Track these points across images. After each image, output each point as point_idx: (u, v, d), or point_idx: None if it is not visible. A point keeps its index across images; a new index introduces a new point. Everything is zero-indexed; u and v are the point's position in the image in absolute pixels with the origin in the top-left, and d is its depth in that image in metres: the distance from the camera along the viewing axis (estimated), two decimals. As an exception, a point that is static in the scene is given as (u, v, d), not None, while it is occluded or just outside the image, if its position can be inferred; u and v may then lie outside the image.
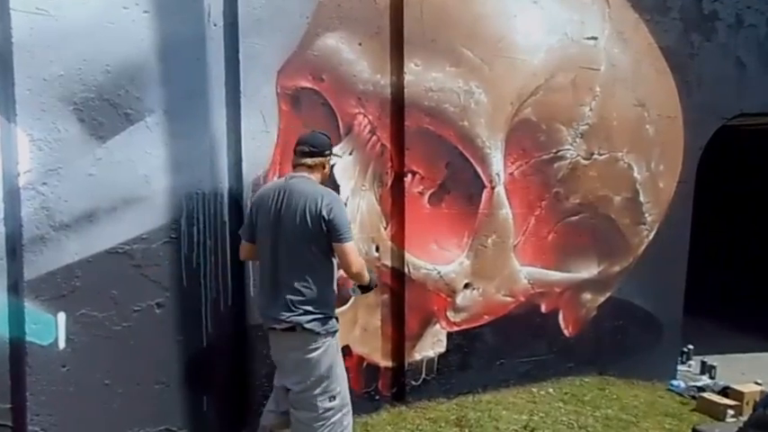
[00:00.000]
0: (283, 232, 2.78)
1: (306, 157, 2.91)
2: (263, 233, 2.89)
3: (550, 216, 4.78)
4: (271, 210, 2.84)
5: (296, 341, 2.82)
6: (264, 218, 2.87)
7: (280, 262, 2.82)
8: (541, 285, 4.77)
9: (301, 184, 2.84)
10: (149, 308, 3.41)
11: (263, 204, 2.92)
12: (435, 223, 4.32)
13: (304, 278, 2.78)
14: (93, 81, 3.22)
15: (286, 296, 2.80)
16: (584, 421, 3.99)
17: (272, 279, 2.87)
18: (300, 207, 2.75)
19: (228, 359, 3.66)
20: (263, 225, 2.89)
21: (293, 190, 2.81)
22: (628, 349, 5.14)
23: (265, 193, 2.98)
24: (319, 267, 2.83)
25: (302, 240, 2.76)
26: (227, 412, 3.68)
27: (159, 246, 3.43)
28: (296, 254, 2.77)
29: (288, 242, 2.78)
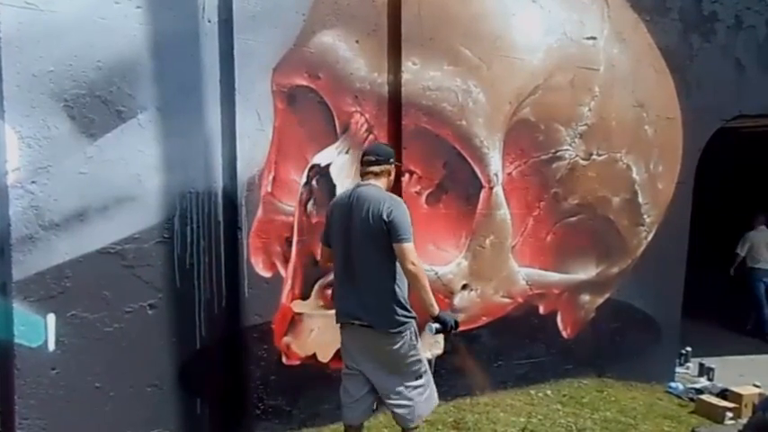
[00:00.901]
0: (354, 235, 2.95)
1: (372, 166, 3.06)
2: (336, 237, 3.05)
3: (549, 217, 4.71)
4: (343, 215, 3.01)
5: (374, 337, 2.97)
6: (337, 223, 3.04)
7: (353, 263, 2.97)
8: (540, 287, 4.70)
9: (369, 191, 3.01)
10: (142, 309, 3.32)
11: (337, 211, 3.08)
12: (433, 223, 4.24)
13: (375, 277, 2.94)
14: (83, 77, 3.13)
15: (361, 295, 2.94)
16: (582, 424, 3.92)
17: (347, 279, 3.01)
18: (366, 210, 2.92)
19: (223, 361, 3.58)
20: (336, 230, 3.05)
21: (361, 196, 2.98)
22: (626, 351, 5.07)
23: (338, 200, 3.16)
24: (386, 267, 2.95)
25: (370, 241, 2.91)
26: (222, 415, 3.59)
27: (152, 246, 3.34)
28: (365, 254, 2.93)
29: (358, 244, 2.94)
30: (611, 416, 4.11)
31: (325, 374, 3.87)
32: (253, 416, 3.64)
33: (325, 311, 3.87)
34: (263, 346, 3.64)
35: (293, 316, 3.76)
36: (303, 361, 3.79)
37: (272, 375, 3.68)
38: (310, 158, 3.81)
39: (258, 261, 3.64)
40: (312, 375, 3.81)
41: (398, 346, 2.95)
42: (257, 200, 3.63)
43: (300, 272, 3.78)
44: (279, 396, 3.71)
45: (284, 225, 3.73)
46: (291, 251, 3.75)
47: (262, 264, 3.65)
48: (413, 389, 3.02)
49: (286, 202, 3.73)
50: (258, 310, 3.63)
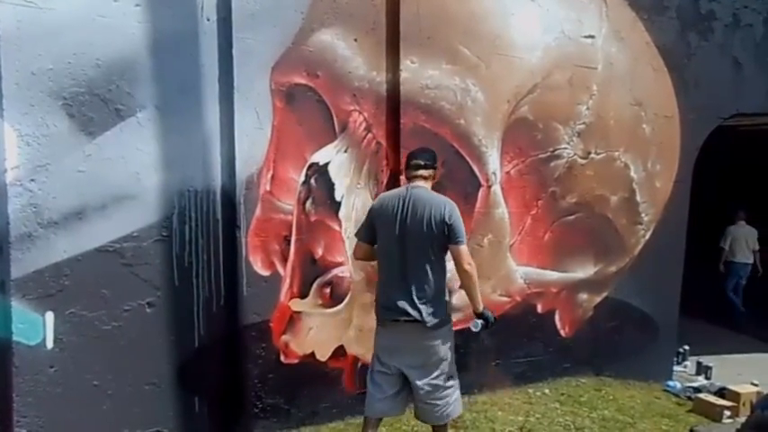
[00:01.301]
0: (410, 235, 3.07)
1: (421, 170, 3.23)
2: (387, 237, 3.13)
3: (547, 215, 4.74)
4: (397, 215, 3.10)
5: (419, 331, 3.08)
6: (389, 223, 3.12)
7: (406, 260, 3.08)
8: (538, 285, 4.73)
9: (425, 193, 3.19)
10: (140, 307, 3.34)
11: (386, 210, 3.16)
12: (431, 222, 4.26)
13: (427, 275, 3.08)
14: (82, 75, 3.15)
15: (412, 290, 3.05)
16: (580, 423, 3.95)
17: (398, 276, 3.09)
18: (427, 213, 3.07)
19: (221, 359, 3.61)
20: (388, 230, 3.13)
21: (417, 198, 3.13)
22: (624, 350, 5.11)
23: (388, 200, 3.22)
24: (438, 266, 3.12)
25: (427, 241, 3.07)
26: (220, 414, 3.62)
27: (150, 244, 3.36)
28: (422, 253, 3.07)
29: (415, 243, 3.07)
30: (610, 414, 4.14)
31: (324, 373, 3.90)
32: (251, 414, 3.67)
33: (324, 310, 3.91)
34: (261, 344, 3.67)
35: (292, 314, 3.79)
36: (301, 359, 3.82)
37: (270, 374, 3.70)
38: (309, 157, 3.84)
39: (257, 260, 3.66)
40: (310, 374, 3.84)
41: (441, 342, 3.12)
42: (256, 198, 3.65)
43: (299, 270, 3.81)
44: (277, 394, 3.74)
45: (283, 224, 3.75)
46: (290, 250, 3.77)
47: (260, 262, 3.68)
48: (445, 389, 3.16)
49: (285, 200, 3.76)
50: (256, 309, 3.66)
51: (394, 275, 3.11)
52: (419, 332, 3.09)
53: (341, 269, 3.97)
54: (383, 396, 3.18)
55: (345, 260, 3.97)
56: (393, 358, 3.16)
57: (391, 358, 3.16)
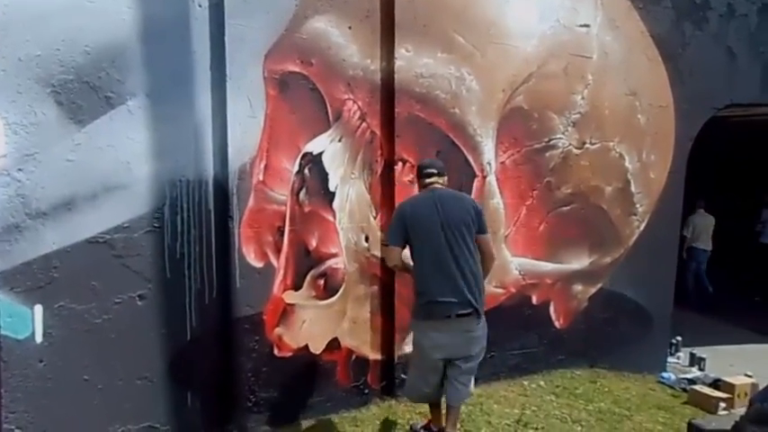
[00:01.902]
0: (452, 230, 3.27)
1: (435, 177, 3.47)
2: (429, 236, 3.28)
3: (542, 206, 4.77)
4: (434, 214, 3.30)
5: (470, 323, 3.29)
6: (429, 222, 3.29)
7: (456, 256, 3.25)
8: (533, 277, 4.77)
9: (449, 191, 3.50)
10: (131, 300, 3.32)
11: (421, 211, 3.35)
12: (426, 213, 4.27)
13: (474, 266, 3.32)
14: (71, 62, 3.11)
15: (461, 283, 3.23)
16: (577, 415, 4.00)
17: (448, 272, 3.24)
18: (459, 207, 3.37)
19: (214, 353, 3.59)
20: (429, 229, 3.28)
21: (446, 196, 3.42)
22: (618, 341, 5.17)
23: (418, 203, 3.43)
24: (477, 256, 3.36)
25: (468, 234, 3.31)
26: (213, 408, 3.61)
27: (141, 235, 3.34)
28: (466, 246, 3.29)
29: (458, 238, 3.27)
30: (606, 407, 4.19)
31: (318, 366, 3.91)
32: (244, 408, 3.66)
33: (318, 302, 3.91)
34: (254, 337, 3.66)
35: (285, 307, 3.78)
36: (295, 352, 3.82)
37: (263, 367, 3.70)
38: (303, 146, 3.82)
39: (249, 251, 3.65)
40: (304, 367, 3.85)
41: (484, 332, 3.39)
42: (249, 188, 3.63)
43: (292, 262, 3.80)
44: (271, 388, 3.74)
45: (276, 214, 3.74)
46: (283, 241, 3.76)
47: (253, 253, 3.67)
48: (470, 373, 3.42)
49: (278, 190, 3.74)
50: (249, 301, 3.65)
51: (444, 272, 3.23)
52: (471, 324, 3.28)
53: (335, 261, 3.96)
54: (430, 388, 3.42)
55: (339, 251, 3.97)
56: (443, 353, 3.31)
57: (441, 353, 3.31)
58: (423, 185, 3.50)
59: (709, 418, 3.56)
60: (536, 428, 3.74)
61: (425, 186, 3.48)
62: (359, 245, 4.06)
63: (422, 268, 3.31)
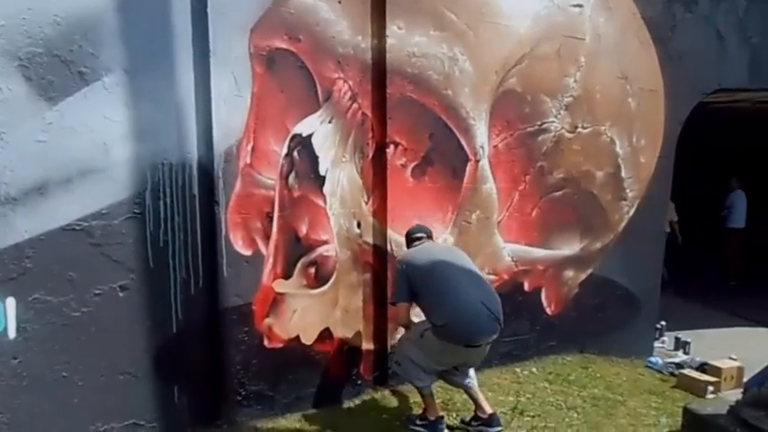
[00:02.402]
0: (453, 262, 3.51)
1: (424, 239, 3.72)
2: (438, 280, 3.39)
3: (534, 191, 4.69)
4: (435, 263, 3.47)
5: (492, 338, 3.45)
6: (432, 271, 3.43)
7: (464, 280, 3.41)
8: (525, 263, 4.70)
9: (437, 244, 3.90)
10: (112, 291, 3.13)
11: (425, 257, 3.51)
12: (418, 198, 4.15)
13: (486, 281, 3.58)
14: (39, 33, 2.89)
15: (487, 312, 3.32)
16: (572, 402, 3.95)
17: (468, 305, 3.30)
18: (456, 250, 3.77)
19: (201, 345, 3.43)
20: (435, 276, 3.41)
21: (437, 246, 3.81)
22: (607, 327, 5.15)
23: (418, 253, 3.59)
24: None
25: (470, 261, 3.61)
26: (201, 403, 3.45)
27: (121, 222, 3.14)
28: (473, 269, 3.55)
29: (462, 264, 3.52)
30: (599, 393, 4.16)
31: (309, 357, 3.77)
32: (234, 402, 3.51)
33: (309, 291, 3.76)
34: (243, 328, 3.50)
35: (275, 296, 3.62)
36: (286, 343, 3.67)
37: (253, 359, 3.55)
38: (291, 128, 3.65)
39: (237, 238, 3.47)
40: (295, 358, 3.70)
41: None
42: (235, 172, 3.45)
43: (282, 249, 3.64)
44: (261, 381, 3.59)
45: (264, 199, 3.57)
46: (272, 227, 3.60)
47: (241, 241, 3.49)
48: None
49: (266, 174, 3.57)
50: (238, 291, 3.48)
51: (469, 305, 3.30)
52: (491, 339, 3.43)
53: (326, 248, 3.81)
54: (425, 383, 3.50)
55: (330, 238, 3.82)
56: (454, 363, 3.50)
57: (452, 364, 3.50)
58: (414, 245, 3.68)
59: (704, 403, 3.56)
60: (532, 416, 3.68)
61: (415, 245, 3.67)
62: (350, 231, 3.92)
63: (441, 304, 3.32)
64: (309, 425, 3.56)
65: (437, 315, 3.31)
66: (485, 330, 3.32)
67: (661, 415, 3.80)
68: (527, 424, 3.58)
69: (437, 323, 3.30)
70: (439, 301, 3.32)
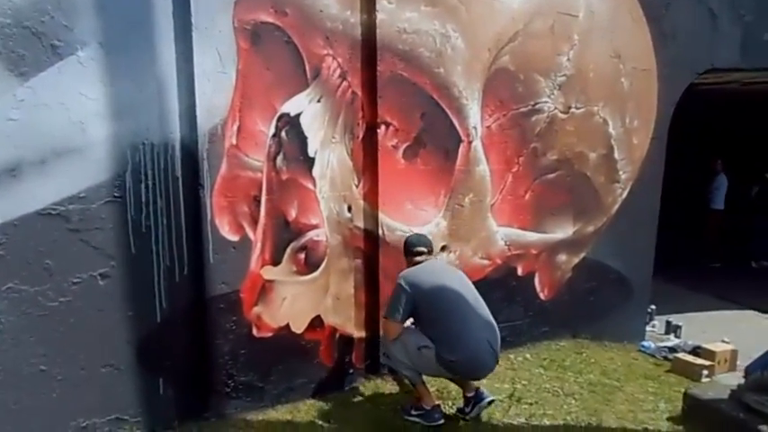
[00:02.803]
0: (461, 292, 3.40)
1: (426, 255, 3.59)
2: (450, 314, 3.34)
3: (528, 173, 4.62)
4: (445, 291, 3.38)
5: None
6: (441, 301, 3.36)
7: (476, 313, 3.37)
8: (518, 247, 4.64)
9: (440, 263, 3.81)
10: (91, 279, 2.99)
11: (428, 278, 3.41)
12: (410, 180, 4.05)
13: (491, 319, 3.44)
14: (7, 3, 2.71)
15: (491, 351, 3.33)
16: (568, 388, 3.92)
17: (477, 346, 3.29)
18: (458, 273, 3.62)
19: (186, 336, 3.30)
20: (445, 309, 3.35)
21: (441, 267, 3.67)
22: (600, 311, 5.13)
23: (422, 271, 3.47)
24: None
25: (477, 294, 3.49)
26: (188, 395, 3.33)
27: (100, 206, 2.99)
28: (482, 306, 3.44)
29: (470, 296, 3.42)
30: (595, 378, 4.14)
31: (300, 346, 3.67)
32: (222, 394, 3.40)
33: (299, 277, 3.65)
34: (231, 317, 3.38)
35: (263, 283, 3.51)
36: (275, 332, 3.56)
37: (241, 349, 3.43)
38: (279, 107, 3.51)
39: (223, 223, 3.34)
40: (285, 348, 3.60)
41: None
42: (221, 153, 3.31)
43: (270, 234, 3.52)
44: (250, 371, 3.48)
45: (251, 182, 3.43)
46: (260, 211, 3.47)
47: (227, 226, 3.36)
48: None
49: (253, 155, 3.43)
50: (225, 278, 3.36)
51: (478, 345, 3.28)
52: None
53: (316, 232, 3.70)
54: (418, 379, 3.43)
55: (321, 222, 3.71)
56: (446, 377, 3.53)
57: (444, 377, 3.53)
58: (413, 262, 3.54)
59: (705, 388, 3.54)
60: (530, 403, 3.63)
61: (416, 263, 3.52)
62: (341, 215, 3.80)
63: (453, 341, 3.26)
64: (301, 416, 3.47)
65: (447, 349, 3.25)
66: (487, 368, 3.37)
67: (659, 400, 3.78)
68: (525, 411, 3.54)
69: (445, 356, 3.25)
70: (450, 337, 3.27)
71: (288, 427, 3.33)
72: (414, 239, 3.66)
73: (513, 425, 3.36)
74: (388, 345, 3.45)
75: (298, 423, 3.37)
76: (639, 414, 3.54)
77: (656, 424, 3.41)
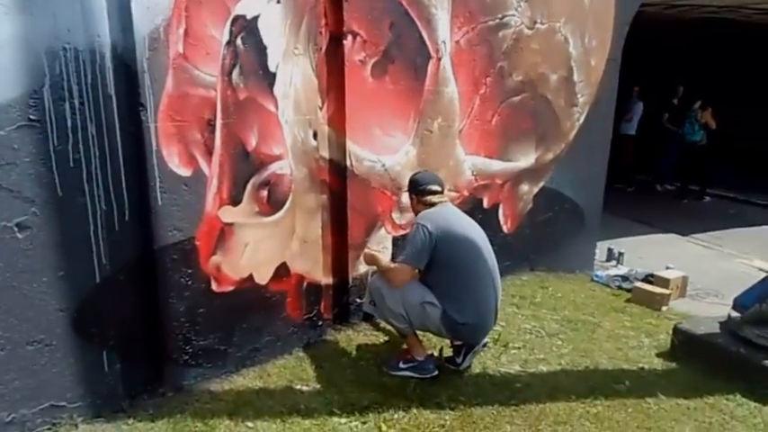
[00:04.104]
0: (483, 249, 3.12)
1: (440, 195, 3.23)
2: (472, 274, 3.06)
3: (494, 96, 4.31)
4: (469, 246, 3.08)
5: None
6: (467, 257, 3.07)
7: (490, 274, 3.12)
8: (484, 177, 4.38)
9: (459, 210, 3.33)
10: (6, 232, 2.32)
11: (451, 225, 3.09)
12: (379, 102, 3.60)
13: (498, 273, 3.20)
14: None
15: (495, 302, 3.13)
16: (549, 327, 3.81)
17: (483, 295, 3.06)
18: (476, 225, 3.24)
19: (133, 297, 2.73)
20: (469, 265, 3.06)
21: (462, 216, 3.26)
22: (555, 242, 5.08)
23: (443, 215, 3.14)
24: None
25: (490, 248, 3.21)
26: (138, 369, 2.80)
27: (11, 133, 2.29)
28: (494, 259, 3.17)
29: (488, 254, 3.14)
30: (570, 315, 4.07)
31: (265, 299, 3.21)
32: (179, 363, 2.90)
33: (262, 219, 3.15)
34: (186, 270, 2.84)
35: (222, 228, 2.97)
36: (237, 286, 3.06)
37: (200, 308, 2.92)
38: (233, 7, 2.88)
39: (172, 154, 2.74)
40: (249, 303, 3.13)
41: None
42: (165, 64, 2.66)
43: (228, 167, 2.95)
44: (210, 334, 2.99)
45: (204, 102, 2.82)
46: (215, 139, 2.88)
47: (177, 157, 2.76)
48: None
49: (204, 68, 2.81)
50: (176, 223, 2.78)
51: (489, 313, 3.09)
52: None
53: (279, 165, 3.18)
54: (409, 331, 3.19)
55: (284, 152, 3.19)
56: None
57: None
58: (428, 203, 3.17)
59: (695, 322, 3.55)
60: (518, 347, 3.48)
61: (430, 204, 3.16)
62: (306, 143, 3.30)
63: (470, 304, 3.01)
64: (273, 381, 3.06)
65: (457, 311, 2.99)
66: (488, 332, 3.25)
67: (640, 335, 3.78)
68: (516, 357, 3.37)
69: (454, 317, 2.99)
70: (465, 298, 3.01)
71: (261, 395, 2.91)
72: (426, 176, 3.30)
73: (510, 374, 3.19)
74: (384, 293, 3.08)
75: (272, 390, 2.96)
76: (629, 352, 3.51)
77: (649, 362, 3.39)
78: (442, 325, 3.01)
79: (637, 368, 3.31)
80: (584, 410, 2.81)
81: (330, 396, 2.91)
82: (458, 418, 2.73)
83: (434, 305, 2.98)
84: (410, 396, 2.92)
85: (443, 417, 2.74)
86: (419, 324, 3.08)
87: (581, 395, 2.93)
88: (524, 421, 2.71)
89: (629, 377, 3.15)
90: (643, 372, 3.26)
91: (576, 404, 2.86)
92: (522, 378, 3.15)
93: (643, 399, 2.92)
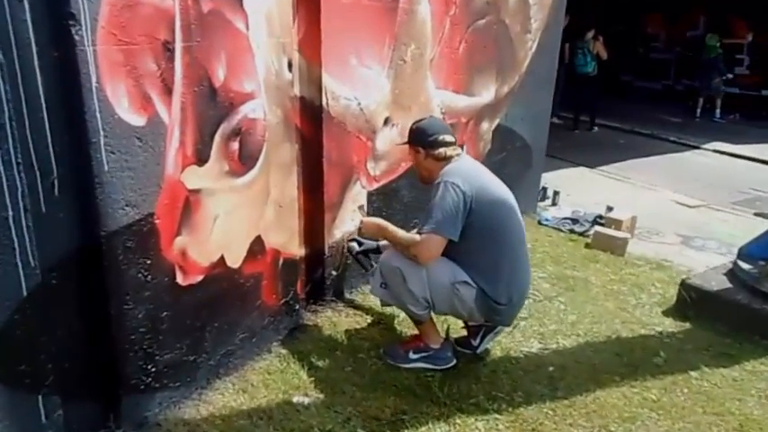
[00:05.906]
0: (517, 211, 2.67)
1: (454, 146, 2.68)
2: (510, 245, 2.60)
3: (463, 19, 3.75)
4: (498, 197, 2.59)
5: None
6: (504, 225, 2.59)
7: (524, 242, 2.73)
8: (452, 115, 3.87)
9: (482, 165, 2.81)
10: None
11: (483, 195, 2.51)
12: (355, 23, 2.91)
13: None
14: None
15: (527, 282, 2.73)
16: (542, 288, 3.48)
17: (519, 265, 2.64)
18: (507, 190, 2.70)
19: (73, 308, 1.91)
20: (507, 235, 2.59)
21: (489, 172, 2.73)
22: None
23: (474, 173, 2.62)
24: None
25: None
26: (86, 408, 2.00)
27: None
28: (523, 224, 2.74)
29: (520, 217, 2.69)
30: (555, 271, 3.78)
31: (237, 287, 2.50)
32: (139, 390, 2.13)
33: (233, 181, 2.39)
34: (144, 261, 2.05)
35: (187, 197, 2.18)
36: (207, 273, 2.31)
37: (163, 311, 2.15)
38: None
39: (118, 92, 1.88)
40: (220, 294, 2.40)
41: None
42: (103, -46, 1.78)
43: (193, 111, 2.14)
44: (177, 343, 2.24)
45: (158, 16, 1.97)
46: (175, 69, 2.06)
47: (126, 99, 1.91)
48: None
49: (155, -34, 1.95)
50: (129, 196, 1.97)
51: (523, 265, 2.67)
52: None
53: (251, 106, 2.41)
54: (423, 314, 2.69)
55: (257, 89, 2.42)
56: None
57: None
58: (441, 158, 2.61)
59: (704, 276, 3.38)
60: (524, 318, 3.04)
61: (446, 158, 2.61)
62: (281, 76, 2.56)
63: (510, 281, 2.56)
64: (260, 394, 2.39)
65: (494, 288, 2.52)
66: (515, 311, 2.73)
67: (632, 290, 3.56)
68: (529, 330, 3.00)
69: (494, 297, 2.52)
70: (510, 275, 2.56)
71: (252, 419, 2.24)
72: (434, 124, 2.73)
73: (535, 354, 2.81)
74: (406, 274, 2.47)
75: (263, 409, 2.29)
76: (635, 312, 3.29)
77: (660, 322, 3.17)
78: (476, 308, 2.52)
79: (656, 333, 3.08)
80: (641, 397, 2.50)
81: (342, 409, 2.32)
82: (511, 425, 2.30)
83: (469, 284, 2.48)
84: (440, 397, 2.43)
85: (494, 424, 2.30)
86: (445, 308, 2.57)
87: (625, 376, 2.64)
88: (588, 421, 2.34)
89: (658, 347, 2.91)
90: (665, 337, 3.04)
91: (626, 389, 2.55)
92: (550, 358, 2.79)
93: (687, 373, 2.69)
